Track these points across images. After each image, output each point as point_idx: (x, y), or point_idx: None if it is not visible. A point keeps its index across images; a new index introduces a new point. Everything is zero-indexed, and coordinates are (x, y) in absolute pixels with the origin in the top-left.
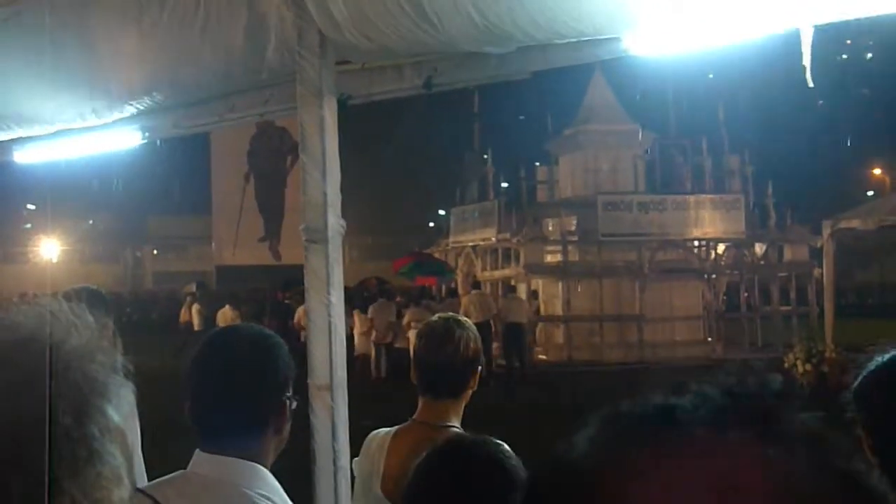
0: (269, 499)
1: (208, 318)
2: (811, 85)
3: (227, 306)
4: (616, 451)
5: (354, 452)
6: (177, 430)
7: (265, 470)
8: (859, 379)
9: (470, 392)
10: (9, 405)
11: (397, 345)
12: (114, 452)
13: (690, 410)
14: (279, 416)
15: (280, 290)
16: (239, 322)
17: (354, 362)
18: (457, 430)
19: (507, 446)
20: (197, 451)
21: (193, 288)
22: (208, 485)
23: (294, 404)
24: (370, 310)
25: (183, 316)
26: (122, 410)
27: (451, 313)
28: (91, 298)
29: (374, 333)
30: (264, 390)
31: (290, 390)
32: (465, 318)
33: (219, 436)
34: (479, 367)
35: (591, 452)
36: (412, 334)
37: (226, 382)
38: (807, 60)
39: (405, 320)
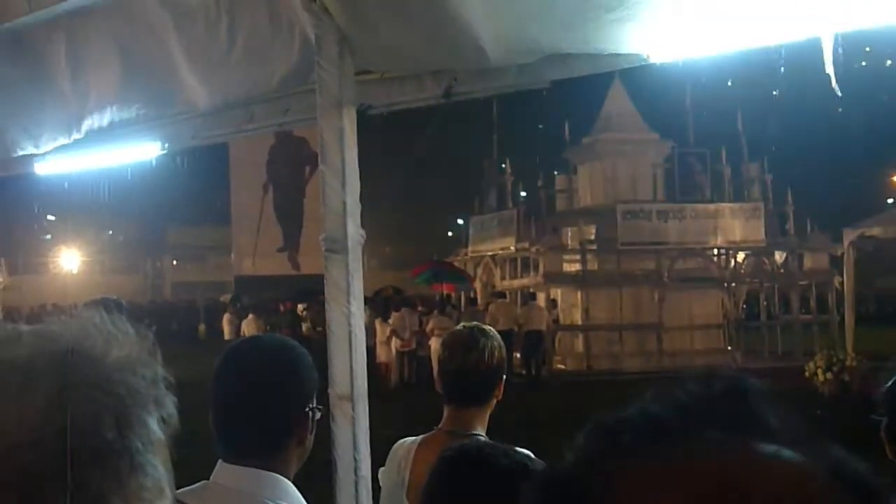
0: None
1: (238, 327)
2: (839, 94)
3: (250, 315)
4: (601, 462)
5: (378, 461)
6: (200, 440)
7: (287, 481)
8: (888, 384)
9: (495, 400)
10: (52, 419)
11: (420, 353)
12: (156, 464)
13: (671, 418)
14: (302, 427)
15: (292, 301)
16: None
17: (377, 370)
18: (481, 437)
19: (528, 452)
20: (220, 461)
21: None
22: (230, 496)
23: (318, 415)
24: (392, 318)
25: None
26: (163, 422)
27: (475, 322)
28: (110, 309)
29: (396, 342)
30: (287, 401)
31: (314, 401)
32: (489, 327)
33: (241, 447)
34: (504, 376)
35: (577, 465)
36: (435, 342)
37: (248, 393)
38: (830, 69)
39: (428, 328)
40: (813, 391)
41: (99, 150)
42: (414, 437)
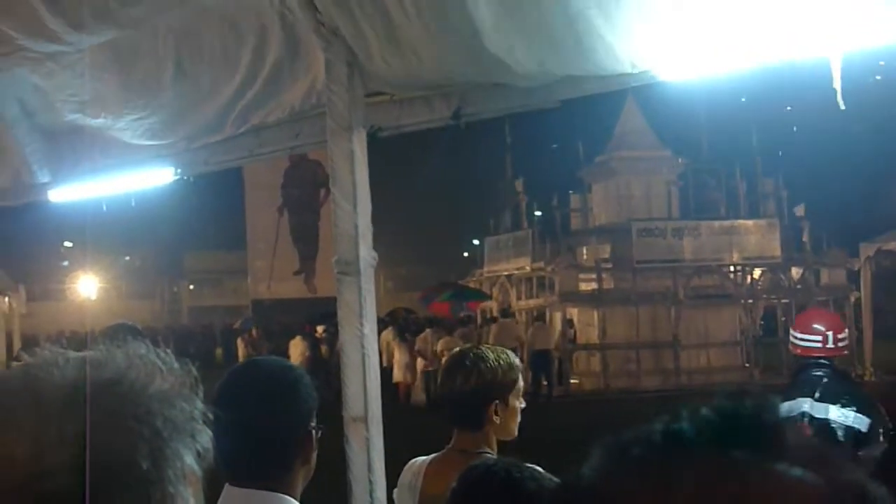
0: None
1: (253, 351)
2: (843, 108)
3: (297, 337)
4: (619, 479)
5: (396, 481)
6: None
7: (295, 501)
8: None
9: (492, 425)
10: (92, 445)
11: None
12: (187, 497)
13: (693, 435)
14: (306, 447)
15: (308, 324)
16: (307, 352)
17: (397, 391)
18: (490, 456)
19: (539, 469)
20: (226, 485)
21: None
22: None
23: (319, 433)
24: (418, 340)
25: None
26: (198, 455)
27: (471, 345)
28: (126, 335)
29: (421, 362)
30: (291, 421)
31: (314, 420)
32: (488, 349)
33: (247, 469)
34: (497, 401)
35: (595, 482)
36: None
37: (254, 416)
38: (837, 84)
39: (438, 349)
40: None
41: (113, 176)
42: (425, 457)
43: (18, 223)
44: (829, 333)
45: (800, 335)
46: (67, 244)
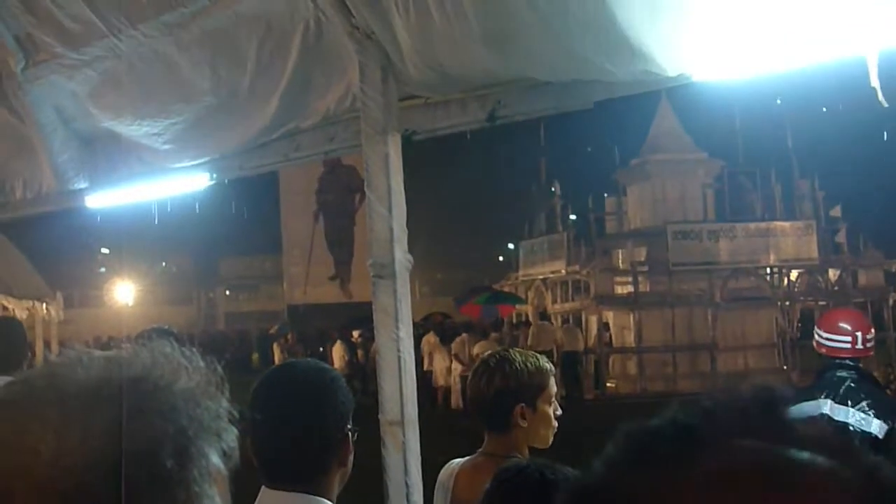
0: None
1: (288, 356)
2: (885, 105)
3: (338, 342)
4: (632, 472)
5: (432, 483)
6: (250, 467)
7: None
8: None
9: (518, 428)
10: (115, 443)
11: None
12: (212, 496)
13: (702, 427)
14: (343, 449)
15: (345, 328)
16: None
17: (436, 395)
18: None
19: (573, 471)
20: (263, 488)
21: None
22: None
23: (356, 435)
24: (454, 344)
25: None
26: (224, 454)
27: (501, 348)
28: (163, 338)
29: (458, 366)
30: (328, 423)
31: (350, 422)
32: (516, 352)
33: (285, 472)
34: (523, 404)
35: (608, 475)
36: None
37: (290, 418)
38: (875, 82)
39: (474, 352)
40: None
41: (148, 182)
42: (460, 459)
43: (56, 230)
44: (858, 334)
45: (827, 335)
46: (104, 251)
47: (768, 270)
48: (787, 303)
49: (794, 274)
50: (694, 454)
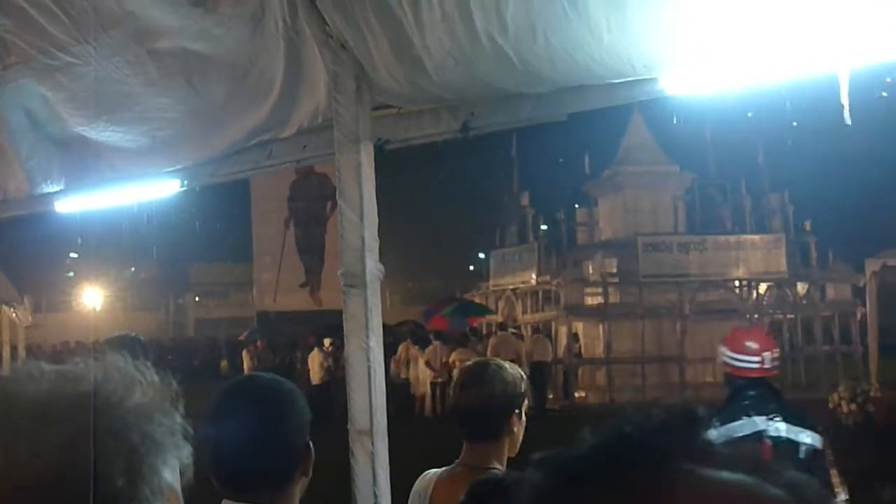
0: None
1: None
2: (849, 122)
3: (315, 349)
4: (556, 499)
5: (406, 491)
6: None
7: None
8: None
9: (510, 436)
10: (65, 461)
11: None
12: None
13: (623, 450)
14: (306, 460)
15: (313, 335)
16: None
17: (414, 402)
18: (498, 471)
19: None
20: (224, 501)
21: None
22: None
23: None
24: (427, 352)
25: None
26: (175, 471)
27: (483, 357)
28: (129, 345)
29: (430, 373)
30: (291, 434)
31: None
32: (506, 363)
33: (252, 483)
34: (517, 411)
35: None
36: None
37: (257, 430)
38: (845, 99)
39: (451, 360)
40: (837, 422)
41: (119, 187)
42: (437, 470)
43: (25, 234)
44: (766, 354)
45: (734, 355)
46: (73, 255)
47: (737, 283)
48: (756, 316)
49: (762, 287)
50: (620, 480)
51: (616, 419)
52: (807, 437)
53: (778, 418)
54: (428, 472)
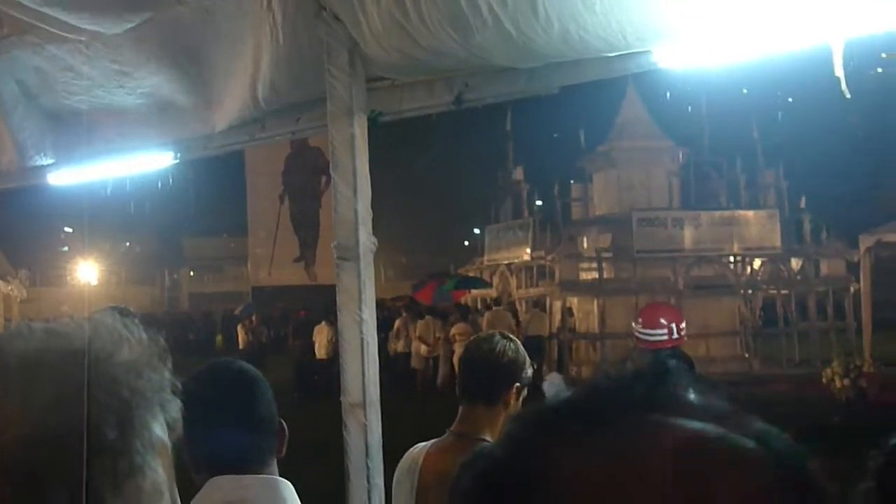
0: None
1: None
2: (848, 95)
3: (322, 322)
4: (531, 448)
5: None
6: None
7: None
8: None
9: (506, 405)
10: (55, 415)
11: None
12: (156, 468)
13: (594, 403)
14: (281, 437)
15: (303, 310)
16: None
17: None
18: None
19: None
20: (215, 478)
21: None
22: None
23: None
24: (418, 326)
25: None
26: (164, 426)
27: (489, 331)
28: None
29: (423, 348)
30: (270, 413)
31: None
32: (514, 337)
33: (240, 459)
34: (518, 384)
35: (510, 452)
36: (458, 347)
37: (246, 410)
38: (839, 72)
39: (451, 333)
40: (830, 397)
41: (113, 160)
42: (424, 443)
43: (18, 207)
44: (673, 325)
45: (645, 330)
46: (68, 229)
47: (732, 259)
48: (750, 291)
49: (757, 263)
50: (595, 430)
51: (593, 375)
52: None
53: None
54: (415, 446)
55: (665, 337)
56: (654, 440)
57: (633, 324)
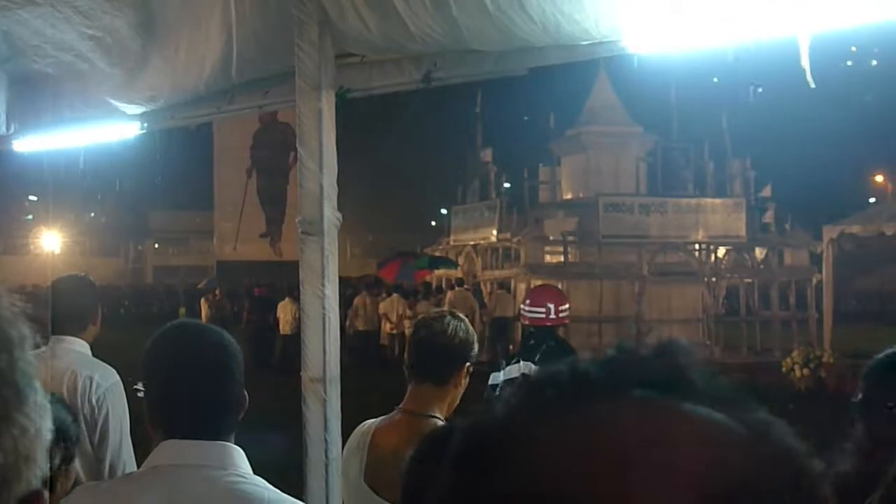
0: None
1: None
2: (812, 85)
3: (286, 298)
4: (524, 417)
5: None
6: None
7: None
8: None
9: (456, 385)
10: None
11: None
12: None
13: (597, 375)
14: (244, 402)
15: (257, 287)
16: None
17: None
18: (438, 420)
19: None
20: (169, 440)
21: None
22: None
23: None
24: (382, 304)
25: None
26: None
27: (450, 309)
28: (79, 285)
29: (387, 325)
30: (239, 378)
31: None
32: (463, 316)
33: (200, 424)
34: (467, 363)
35: (501, 419)
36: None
37: (211, 372)
38: (805, 63)
39: (416, 312)
40: (789, 386)
41: (78, 129)
42: (372, 420)
43: None
44: (552, 306)
45: (528, 308)
46: (32, 198)
47: (697, 246)
48: (714, 279)
49: (721, 251)
50: (588, 402)
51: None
52: None
53: (545, 364)
54: (364, 423)
55: (543, 315)
56: (637, 418)
57: (522, 303)
